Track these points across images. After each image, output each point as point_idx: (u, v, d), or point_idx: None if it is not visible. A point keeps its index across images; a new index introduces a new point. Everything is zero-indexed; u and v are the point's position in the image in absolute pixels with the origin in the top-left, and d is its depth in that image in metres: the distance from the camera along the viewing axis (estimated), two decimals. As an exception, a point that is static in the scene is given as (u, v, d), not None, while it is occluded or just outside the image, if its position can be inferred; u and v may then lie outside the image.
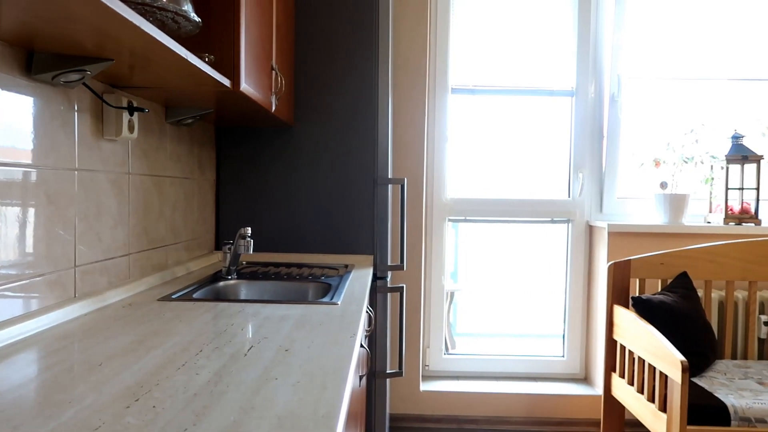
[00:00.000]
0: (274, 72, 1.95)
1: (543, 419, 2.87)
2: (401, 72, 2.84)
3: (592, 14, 2.95)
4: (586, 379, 3.05)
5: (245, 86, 1.61)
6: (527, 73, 3.00)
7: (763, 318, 2.67)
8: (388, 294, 2.39)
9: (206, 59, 1.51)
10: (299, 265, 2.24)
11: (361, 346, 1.51)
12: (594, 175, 3.02)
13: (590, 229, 3.02)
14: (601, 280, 2.85)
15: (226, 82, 1.51)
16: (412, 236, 2.86)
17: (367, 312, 1.93)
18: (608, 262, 2.71)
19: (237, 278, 1.91)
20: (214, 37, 1.58)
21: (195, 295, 1.63)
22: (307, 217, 2.40)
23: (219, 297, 1.80)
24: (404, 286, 2.43)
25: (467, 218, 3.05)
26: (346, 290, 1.71)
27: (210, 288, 1.77)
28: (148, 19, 1.24)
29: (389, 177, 2.39)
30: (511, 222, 3.08)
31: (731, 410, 2.06)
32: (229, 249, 1.92)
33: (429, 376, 3.05)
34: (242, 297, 1.88)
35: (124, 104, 1.52)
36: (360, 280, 1.91)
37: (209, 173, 2.34)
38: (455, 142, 3.09)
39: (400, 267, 2.40)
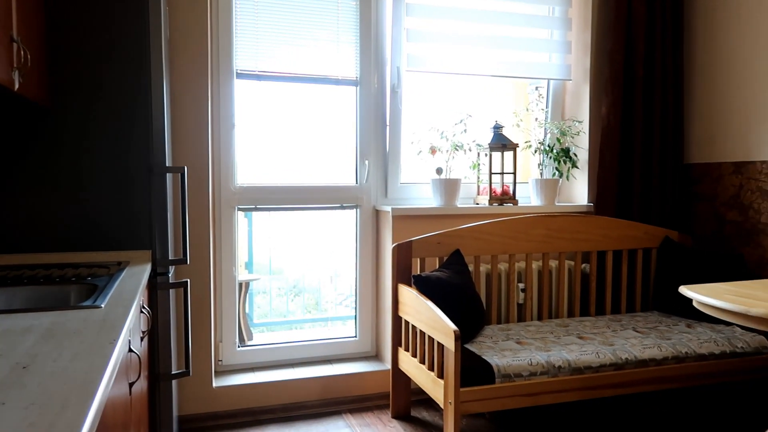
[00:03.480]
0: (15, 44, 1.67)
1: (337, 399, 2.96)
2: (180, 54, 2.66)
3: (372, 7, 3.07)
4: (377, 356, 3.21)
5: (-29, 59, 1.35)
6: (314, 62, 3.02)
7: (521, 285, 3.07)
8: (171, 290, 2.24)
9: None
10: (62, 266, 1.98)
11: (131, 350, 1.39)
12: (379, 162, 3.16)
13: (377, 214, 3.16)
14: (388, 262, 3.01)
15: (-58, 52, 1.25)
16: (198, 227, 2.71)
17: (143, 312, 1.78)
18: (393, 244, 2.87)
19: (-24, 286, 1.62)
20: (-75, -4, 1.30)
21: None
22: (73, 210, 2.13)
23: (-50, 311, 1.51)
24: (188, 280, 2.29)
25: (257, 206, 2.99)
26: (114, 291, 1.55)
27: (-64, 301, 1.47)
28: None
29: (167, 165, 2.22)
30: (302, 209, 3.09)
31: (495, 369, 2.33)
32: (-36, 252, 1.61)
33: (222, 372, 2.94)
34: (-18, 308, 1.59)
35: None
36: (133, 278, 1.75)
37: (-64, 162, 1.94)
38: (243, 129, 3.00)
39: (183, 261, 2.26)
